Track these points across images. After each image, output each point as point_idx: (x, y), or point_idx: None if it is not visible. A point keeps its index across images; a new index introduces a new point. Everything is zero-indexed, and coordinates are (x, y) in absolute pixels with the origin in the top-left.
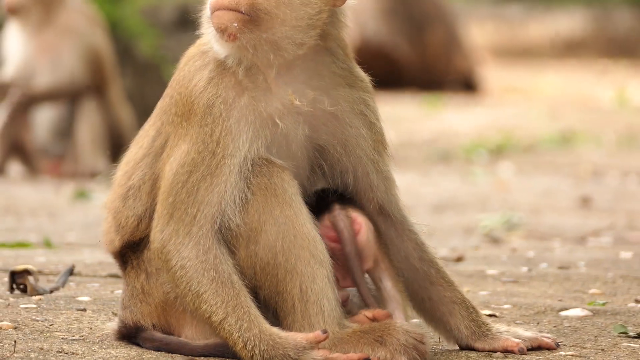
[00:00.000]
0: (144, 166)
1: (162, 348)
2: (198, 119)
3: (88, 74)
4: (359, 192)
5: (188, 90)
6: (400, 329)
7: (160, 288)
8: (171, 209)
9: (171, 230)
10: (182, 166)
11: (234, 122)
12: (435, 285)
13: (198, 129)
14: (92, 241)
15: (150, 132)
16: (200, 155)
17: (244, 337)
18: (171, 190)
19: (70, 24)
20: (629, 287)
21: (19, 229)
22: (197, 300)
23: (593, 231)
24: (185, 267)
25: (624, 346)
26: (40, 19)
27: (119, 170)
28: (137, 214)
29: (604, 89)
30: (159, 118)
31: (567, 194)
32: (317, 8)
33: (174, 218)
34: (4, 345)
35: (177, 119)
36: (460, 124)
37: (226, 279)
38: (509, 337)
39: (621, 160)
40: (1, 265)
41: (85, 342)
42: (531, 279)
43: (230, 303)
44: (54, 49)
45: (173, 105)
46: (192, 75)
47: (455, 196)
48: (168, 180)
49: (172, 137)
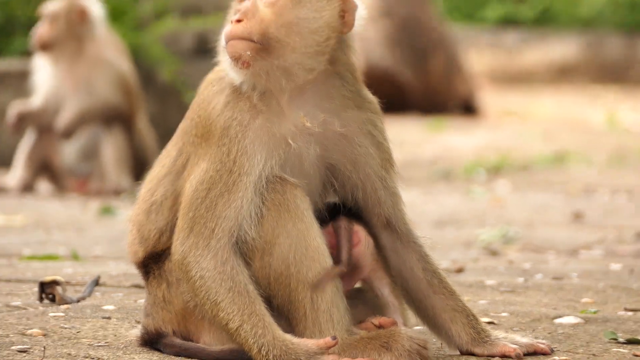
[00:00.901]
0: (166, 183)
1: (182, 353)
2: (216, 140)
3: (119, 99)
4: (367, 207)
5: (207, 113)
6: (404, 335)
7: (180, 297)
8: (191, 223)
9: (191, 243)
10: (201, 183)
11: (249, 143)
12: (438, 294)
13: (216, 149)
14: (116, 254)
15: (172, 152)
16: (218, 174)
17: (258, 343)
18: (191, 206)
19: (100, 54)
20: (618, 296)
21: (48, 243)
22: (215, 309)
23: (584, 244)
24: (204, 277)
25: (614, 351)
26: (71, 51)
27: (143, 187)
28: (159, 227)
29: (595, 112)
30: (181, 139)
31: (560, 210)
32: (325, 35)
33: (194, 232)
34: (34, 351)
35: (197, 139)
36: (460, 145)
37: (242, 288)
38: (507, 343)
39: (611, 179)
40: (31, 276)
41: (110, 348)
42: (527, 288)
43: (246, 311)
44: (86, 78)
45: (193, 127)
46: (211, 99)
47: (456, 212)
48: (188, 196)
49: (193, 157)
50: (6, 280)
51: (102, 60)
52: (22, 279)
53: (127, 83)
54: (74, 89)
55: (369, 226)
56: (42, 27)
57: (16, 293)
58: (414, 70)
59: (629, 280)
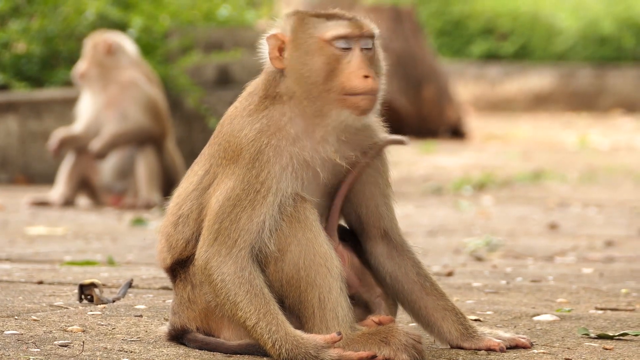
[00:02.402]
0: (192, 198)
1: (204, 347)
2: (246, 162)
3: (150, 123)
4: (369, 221)
5: (238, 138)
6: (401, 331)
7: (203, 297)
8: (216, 234)
9: (214, 250)
10: (228, 199)
11: (280, 168)
12: (430, 295)
13: (245, 170)
14: (147, 260)
15: (199, 172)
16: (245, 192)
17: (272, 338)
18: (217, 219)
19: (130, 79)
20: (590, 297)
21: (87, 250)
22: (234, 308)
23: (560, 251)
24: (225, 280)
25: (586, 345)
26: (103, 81)
27: (172, 202)
28: (185, 237)
29: (568, 135)
30: (208, 161)
31: (537, 221)
32: None
33: (217, 241)
34: (74, 345)
35: (225, 161)
36: (449, 165)
37: (259, 291)
38: (492, 338)
39: (582, 194)
40: (72, 279)
41: (142, 342)
42: (509, 290)
43: (262, 310)
44: (119, 102)
45: (222, 150)
46: (242, 126)
47: (446, 223)
48: (214, 210)
49: (220, 175)
50: (49, 283)
51: (134, 88)
52: (64, 282)
53: (157, 108)
54: (109, 114)
55: (367, 237)
56: (80, 61)
57: (58, 294)
58: (409, 99)
59: (599, 282)
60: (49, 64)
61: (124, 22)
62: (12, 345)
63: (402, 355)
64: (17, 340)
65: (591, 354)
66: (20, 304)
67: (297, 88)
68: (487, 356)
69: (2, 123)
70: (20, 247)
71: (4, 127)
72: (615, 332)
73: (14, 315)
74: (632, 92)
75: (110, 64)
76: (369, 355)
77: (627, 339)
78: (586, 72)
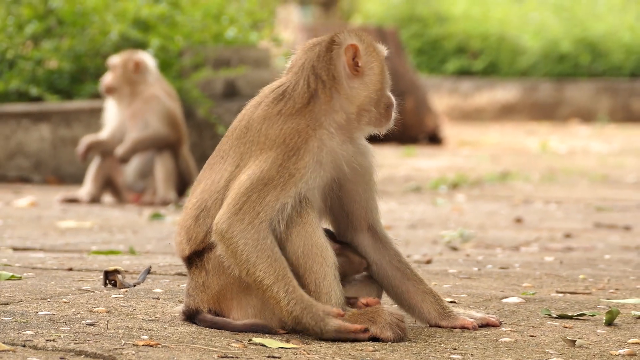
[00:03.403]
0: (214, 194)
1: (213, 326)
2: (288, 149)
3: (167, 131)
4: (357, 215)
5: (279, 131)
6: (386, 311)
7: (216, 282)
8: (242, 205)
9: (238, 218)
10: (261, 178)
11: (316, 161)
12: (411, 280)
13: (283, 155)
14: (164, 250)
15: (228, 169)
16: (279, 174)
17: (288, 297)
18: (246, 192)
19: (153, 96)
20: (551, 282)
21: (111, 241)
22: (253, 269)
23: (524, 242)
24: (248, 244)
25: (548, 324)
26: (129, 94)
27: (193, 197)
28: (206, 229)
29: (531, 141)
30: (239, 158)
31: (505, 216)
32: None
33: (242, 211)
34: (100, 324)
35: (258, 152)
36: (428, 167)
37: (278, 257)
38: (466, 318)
39: (544, 192)
40: (97, 266)
41: (159, 321)
42: (480, 276)
43: (280, 273)
44: (141, 115)
45: (255, 144)
46: (284, 123)
47: (425, 217)
48: (244, 185)
49: (252, 162)
50: (78, 270)
51: (154, 101)
52: (90, 269)
53: (174, 119)
54: (132, 123)
55: (354, 230)
56: (108, 75)
57: (86, 280)
58: None
59: (559, 269)
60: (77, 79)
61: (143, 42)
62: (45, 324)
63: (387, 333)
64: (50, 320)
65: (553, 332)
66: (52, 288)
67: (354, 96)
68: (462, 333)
69: (37, 130)
70: (53, 238)
71: (38, 134)
72: (574, 312)
73: (46, 298)
74: (587, 104)
75: (137, 79)
76: (362, 328)
77: (585, 318)
78: (547, 86)
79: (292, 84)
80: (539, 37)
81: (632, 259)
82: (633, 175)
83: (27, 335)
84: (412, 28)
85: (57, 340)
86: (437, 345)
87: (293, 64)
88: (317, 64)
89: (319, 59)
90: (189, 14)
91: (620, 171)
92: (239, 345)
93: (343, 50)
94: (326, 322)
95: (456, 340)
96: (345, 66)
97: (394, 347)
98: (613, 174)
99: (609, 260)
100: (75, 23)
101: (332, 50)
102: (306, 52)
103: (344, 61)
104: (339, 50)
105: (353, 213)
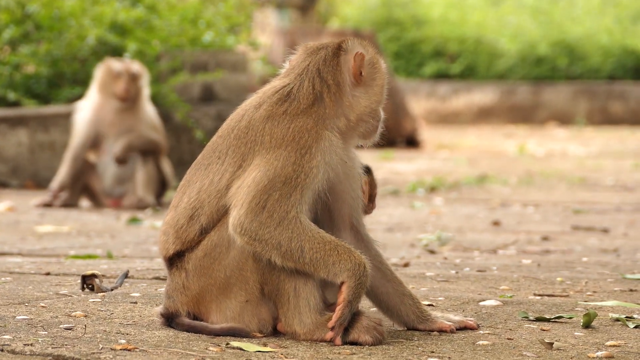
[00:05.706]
0: (212, 194)
1: (190, 330)
2: (299, 146)
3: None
4: (342, 214)
5: (287, 129)
6: (364, 316)
7: (196, 284)
8: (265, 203)
9: (265, 216)
10: (278, 176)
11: (327, 161)
12: (390, 282)
13: (296, 153)
14: (141, 254)
15: (229, 169)
16: (296, 173)
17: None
18: (265, 190)
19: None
20: (529, 284)
21: (89, 246)
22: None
23: (502, 245)
24: (281, 243)
25: (525, 327)
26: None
27: (186, 198)
28: (202, 227)
29: (508, 144)
30: (240, 158)
31: (482, 219)
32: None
33: (267, 209)
34: (77, 328)
35: (264, 151)
36: (405, 170)
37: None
38: (443, 321)
39: (521, 195)
40: (75, 271)
41: (136, 325)
42: (458, 278)
43: (329, 246)
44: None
45: (259, 144)
46: (291, 121)
47: (403, 221)
48: (261, 182)
49: (259, 160)
50: (55, 274)
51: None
52: (68, 273)
53: (157, 128)
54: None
55: (338, 229)
56: (127, 83)
57: (63, 284)
58: None
59: (537, 272)
60: (55, 84)
61: (120, 46)
62: (23, 328)
63: (366, 337)
64: (28, 324)
65: (530, 335)
66: (30, 293)
67: (355, 104)
68: (440, 336)
69: (14, 135)
70: (30, 243)
71: (16, 139)
72: (552, 315)
73: (24, 302)
74: (565, 107)
75: (140, 87)
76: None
77: (562, 321)
78: (524, 89)
79: (297, 85)
80: (516, 41)
81: (610, 261)
82: (611, 178)
83: (4, 340)
84: (390, 31)
85: (35, 345)
86: (414, 349)
87: (294, 65)
88: (323, 68)
89: (325, 63)
90: (166, 18)
91: (598, 174)
92: (216, 349)
93: (350, 57)
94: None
95: (434, 343)
96: (350, 73)
97: (371, 350)
98: (591, 177)
99: (587, 263)
100: (53, 28)
101: (339, 56)
102: (310, 54)
103: (349, 68)
104: (346, 56)
105: (337, 212)
